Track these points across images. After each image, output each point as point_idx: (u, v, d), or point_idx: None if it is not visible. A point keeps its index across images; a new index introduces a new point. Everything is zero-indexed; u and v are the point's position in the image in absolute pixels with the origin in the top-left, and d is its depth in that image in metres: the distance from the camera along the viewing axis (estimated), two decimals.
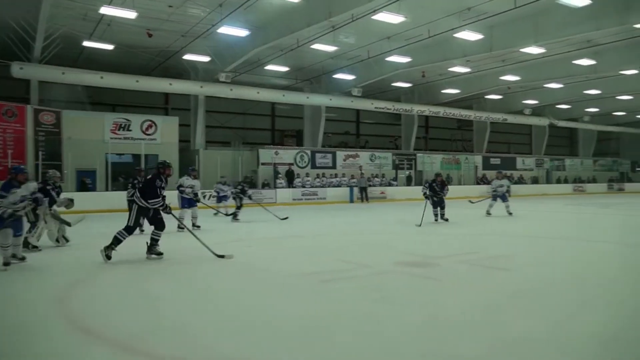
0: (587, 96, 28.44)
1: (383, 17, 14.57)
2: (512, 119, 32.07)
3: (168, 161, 7.39)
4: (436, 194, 12.36)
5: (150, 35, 17.56)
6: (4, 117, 17.59)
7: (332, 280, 5.58)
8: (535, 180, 33.88)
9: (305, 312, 4.33)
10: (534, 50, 18.55)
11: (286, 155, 24.46)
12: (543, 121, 33.98)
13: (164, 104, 26.11)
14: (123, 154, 20.74)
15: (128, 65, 20.85)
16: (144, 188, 7.06)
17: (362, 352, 3.34)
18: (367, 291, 5.06)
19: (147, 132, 20.98)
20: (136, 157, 19.89)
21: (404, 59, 20.07)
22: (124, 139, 20.38)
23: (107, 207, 16.52)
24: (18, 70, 17.52)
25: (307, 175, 23.84)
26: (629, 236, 9.87)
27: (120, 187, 19.57)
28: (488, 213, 14.08)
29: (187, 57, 19.80)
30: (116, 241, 6.77)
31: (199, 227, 10.68)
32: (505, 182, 14.65)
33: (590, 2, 13.78)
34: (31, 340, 3.63)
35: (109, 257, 6.69)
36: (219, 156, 21.36)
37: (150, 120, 21.29)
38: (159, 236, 7.10)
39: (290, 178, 23.12)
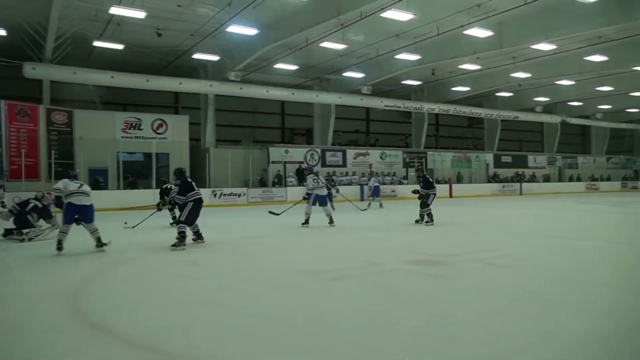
0: (599, 93, 28.15)
1: (392, 14, 14.52)
2: (523, 116, 31.80)
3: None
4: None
5: (159, 35, 17.66)
6: (17, 117, 17.83)
7: (341, 279, 5.58)
8: (547, 179, 33.60)
9: (315, 310, 4.33)
10: (544, 46, 18.37)
11: (296, 153, 24.49)
12: (555, 118, 33.67)
13: (174, 102, 26.24)
14: (134, 153, 20.92)
15: (138, 65, 20.98)
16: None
17: (371, 350, 3.34)
18: (376, 289, 5.06)
19: (157, 131, 21.14)
20: (147, 155, 20.06)
21: (413, 57, 19.98)
22: (134, 137, 20.58)
23: (119, 205, 16.66)
24: (30, 70, 17.73)
25: (318, 173, 23.80)
26: None
27: (132, 185, 19.80)
28: (381, 206, 17.80)
29: (197, 56, 19.88)
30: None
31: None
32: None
33: None
34: (43, 336, 3.66)
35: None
36: (230, 154, 21.45)
37: (161, 119, 21.46)
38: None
39: (300, 176, 23.14)
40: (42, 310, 4.35)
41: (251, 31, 16.74)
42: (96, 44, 17.96)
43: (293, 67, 22.04)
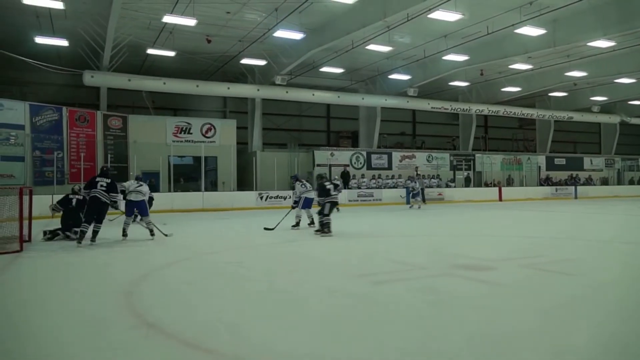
0: None
1: (439, 15, 14.29)
2: (578, 117, 30.49)
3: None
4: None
5: (209, 41, 18.15)
6: (77, 122, 18.80)
7: (385, 282, 5.54)
8: (604, 182, 32.04)
9: (358, 313, 4.33)
10: (602, 43, 17.54)
11: (342, 156, 24.51)
12: (613, 119, 32.09)
13: (222, 107, 26.86)
14: (184, 156, 21.57)
15: (188, 71, 21.67)
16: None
17: (415, 355, 3.30)
18: (424, 294, 4.99)
19: (206, 135, 21.71)
20: (196, 159, 20.62)
21: (462, 58, 19.57)
22: (185, 141, 21.22)
23: (170, 208, 17.21)
24: (89, 78, 18.69)
25: (363, 176, 23.77)
26: None
27: (182, 188, 20.38)
28: (419, 207, 19.06)
29: (244, 61, 20.29)
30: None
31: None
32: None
33: None
34: (97, 332, 3.82)
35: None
36: (276, 158, 21.73)
37: (210, 124, 22.03)
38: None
39: (345, 179, 23.16)
40: (96, 307, 4.54)
41: (297, 35, 16.92)
42: (150, 51, 18.70)
43: (339, 70, 22.08)
